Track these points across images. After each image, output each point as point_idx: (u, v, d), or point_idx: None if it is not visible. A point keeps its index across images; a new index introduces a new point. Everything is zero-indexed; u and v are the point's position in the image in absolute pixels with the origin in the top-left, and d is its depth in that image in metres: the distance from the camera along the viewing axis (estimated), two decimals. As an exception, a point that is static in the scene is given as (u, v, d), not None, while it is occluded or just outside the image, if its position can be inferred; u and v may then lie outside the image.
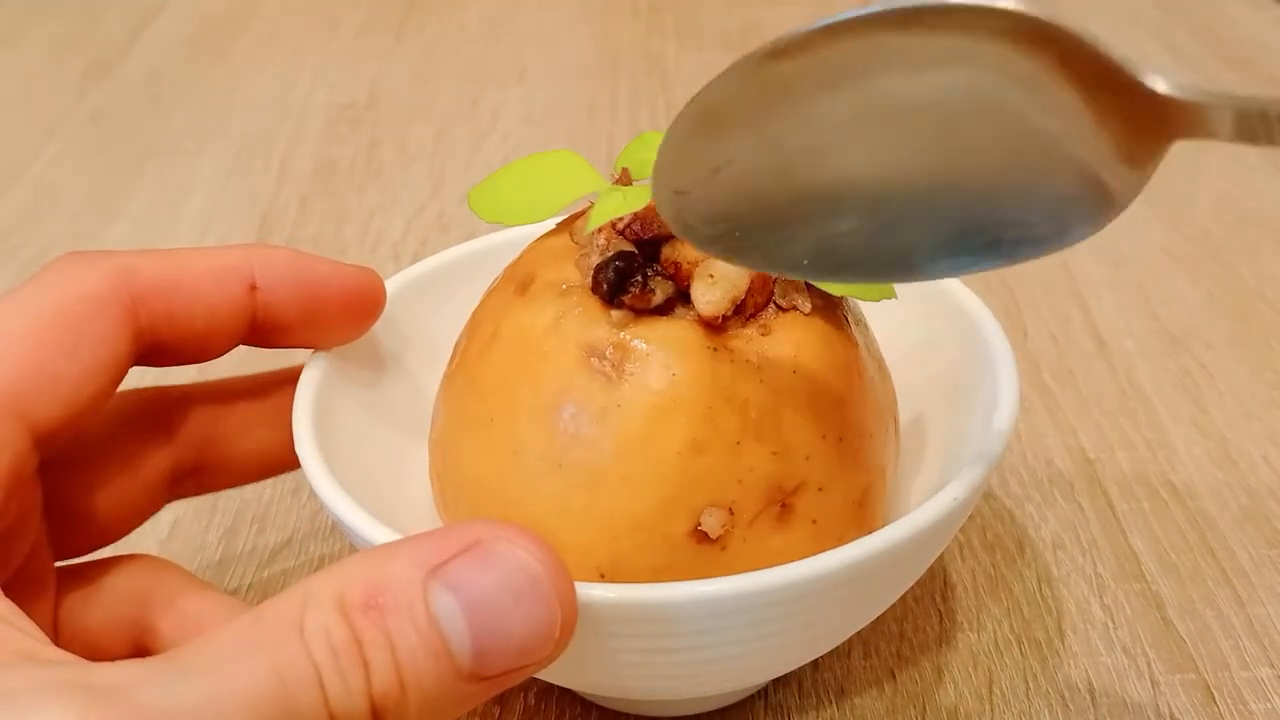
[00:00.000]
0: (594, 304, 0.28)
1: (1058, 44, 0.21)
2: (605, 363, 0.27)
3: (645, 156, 0.30)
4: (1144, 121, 0.21)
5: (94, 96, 0.71)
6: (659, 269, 0.28)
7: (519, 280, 0.30)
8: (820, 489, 0.28)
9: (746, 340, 0.28)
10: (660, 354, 0.27)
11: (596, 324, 0.27)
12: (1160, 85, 0.20)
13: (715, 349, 0.27)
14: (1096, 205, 0.22)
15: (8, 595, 0.23)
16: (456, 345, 0.31)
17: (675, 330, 0.27)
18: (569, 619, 0.23)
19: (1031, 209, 0.23)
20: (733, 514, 0.27)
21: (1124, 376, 0.44)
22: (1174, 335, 0.46)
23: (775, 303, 0.28)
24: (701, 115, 0.24)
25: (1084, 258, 0.51)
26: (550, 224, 0.32)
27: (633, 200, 0.28)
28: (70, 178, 0.63)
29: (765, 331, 0.28)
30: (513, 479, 0.28)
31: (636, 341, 0.27)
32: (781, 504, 0.27)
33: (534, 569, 0.22)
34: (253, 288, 0.30)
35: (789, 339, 0.28)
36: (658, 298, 0.27)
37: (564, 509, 0.27)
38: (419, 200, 0.58)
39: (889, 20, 0.21)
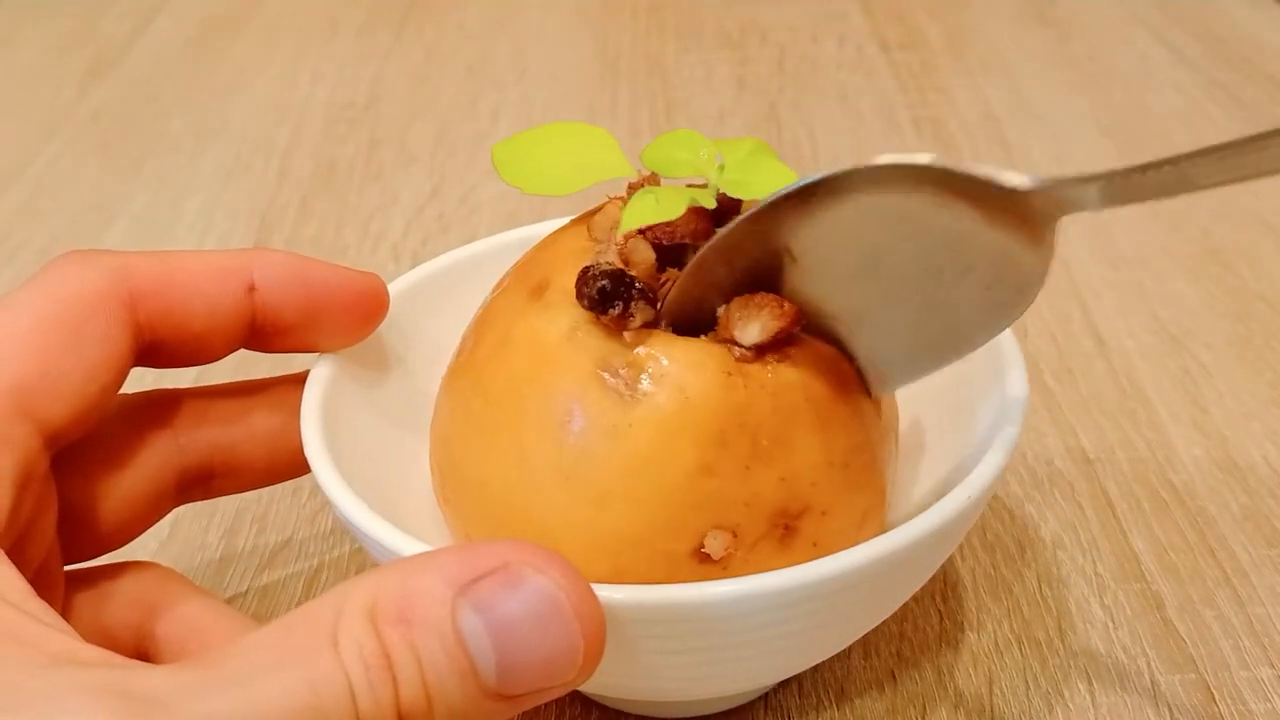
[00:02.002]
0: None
1: (940, 179, 0.25)
2: (619, 379, 0.27)
3: (674, 154, 0.30)
4: (1025, 213, 0.24)
5: (94, 96, 0.71)
6: (645, 290, 0.27)
7: (534, 283, 0.29)
8: (824, 513, 0.28)
9: (762, 365, 0.27)
10: (675, 374, 0.27)
11: (612, 338, 0.27)
12: (1016, 181, 0.24)
13: (730, 373, 0.27)
14: (1019, 290, 0.26)
15: None
16: (464, 340, 0.31)
17: (691, 351, 0.27)
18: (593, 647, 0.23)
19: (971, 307, 0.27)
20: (736, 537, 0.27)
21: (1124, 376, 0.44)
22: (1174, 335, 0.46)
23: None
24: (707, 262, 0.27)
25: (1084, 257, 0.51)
26: (564, 220, 0.32)
27: (666, 207, 0.27)
28: (70, 178, 0.63)
29: (781, 358, 0.28)
30: (518, 486, 0.28)
31: (651, 360, 0.27)
32: (785, 527, 0.27)
33: (558, 599, 0.22)
34: (251, 289, 0.30)
35: (803, 365, 0.28)
36: (635, 322, 0.27)
37: (568, 520, 0.27)
38: (419, 200, 0.58)
39: (816, 188, 0.26)
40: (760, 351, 0.27)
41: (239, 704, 0.20)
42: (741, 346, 0.27)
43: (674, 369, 0.27)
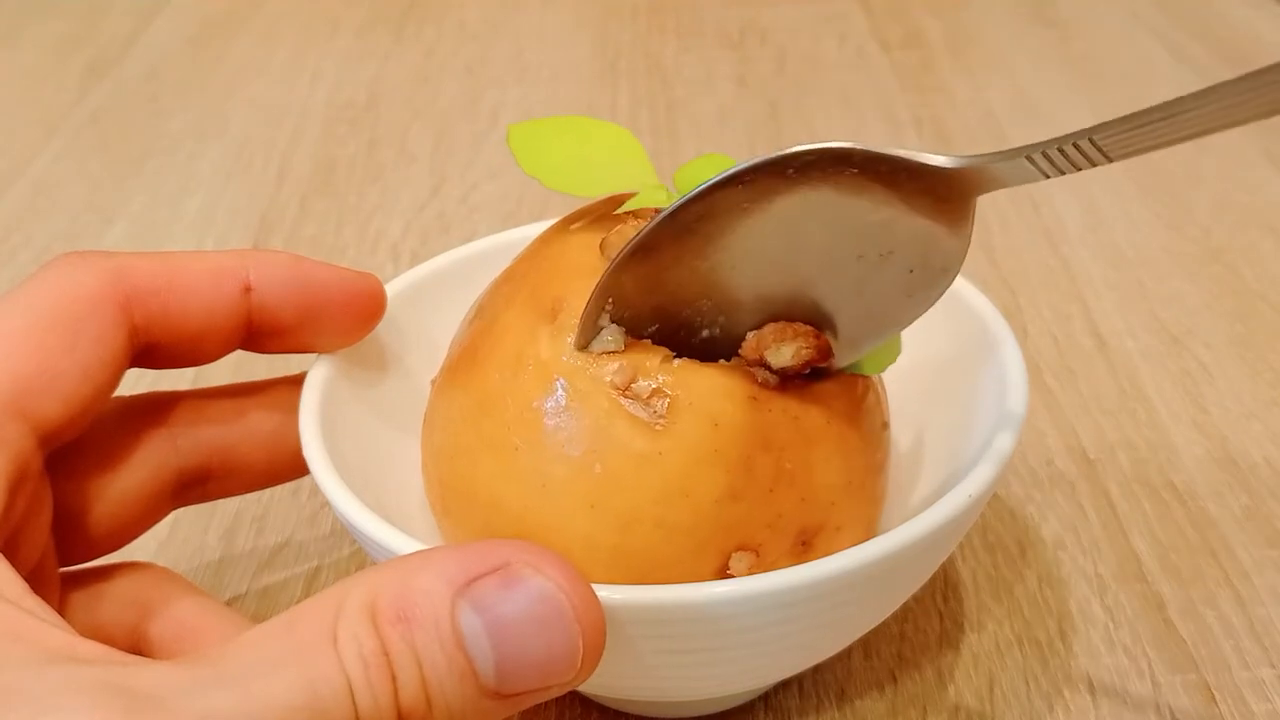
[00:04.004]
0: (632, 343, 0.27)
1: (858, 161, 0.25)
2: (647, 409, 0.27)
3: (698, 177, 0.30)
4: (945, 193, 0.25)
5: (94, 96, 0.71)
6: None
7: (546, 302, 0.28)
8: (838, 528, 0.28)
9: (784, 390, 0.27)
10: (704, 403, 0.27)
11: (636, 366, 0.27)
12: (939, 161, 0.25)
13: (755, 398, 0.27)
14: (941, 271, 0.26)
15: None
16: (462, 348, 0.30)
17: (717, 377, 0.27)
18: (593, 648, 0.23)
19: (895, 290, 0.27)
20: (759, 556, 0.27)
21: (1124, 376, 0.44)
22: (1174, 335, 0.46)
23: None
24: (635, 251, 0.27)
25: (1084, 257, 0.51)
26: (567, 224, 0.31)
27: None
28: (70, 178, 0.63)
29: (803, 382, 0.28)
30: (536, 510, 0.27)
31: (679, 388, 0.27)
32: (803, 543, 0.28)
33: (558, 599, 0.22)
34: (247, 289, 0.29)
35: (825, 389, 0.28)
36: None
37: (592, 545, 0.27)
38: (419, 200, 0.58)
39: (740, 178, 0.26)
40: (785, 378, 0.27)
41: (238, 701, 0.20)
42: (769, 371, 0.27)
43: (701, 396, 0.27)
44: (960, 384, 0.33)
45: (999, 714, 0.32)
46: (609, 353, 0.27)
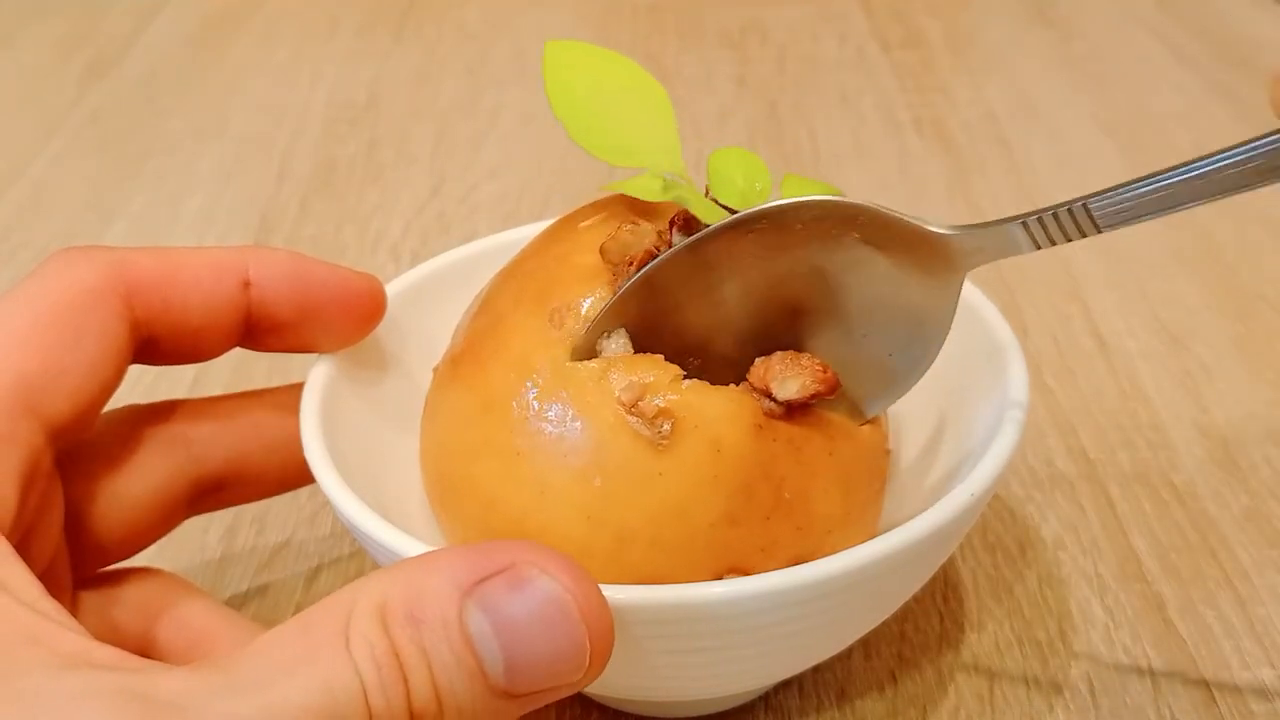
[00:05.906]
0: (640, 358, 0.27)
1: (863, 223, 0.26)
2: (652, 428, 0.26)
3: (730, 175, 0.30)
4: (937, 266, 0.26)
5: (94, 96, 0.71)
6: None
7: (551, 306, 0.28)
8: (833, 552, 0.28)
9: (789, 420, 0.27)
10: (708, 427, 0.26)
11: (644, 384, 0.27)
12: (941, 230, 0.26)
13: (760, 426, 0.27)
14: (914, 362, 0.28)
15: None
16: (464, 344, 0.30)
17: (723, 402, 0.27)
18: (600, 649, 0.23)
19: (871, 371, 0.28)
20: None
21: (1124, 376, 0.44)
22: (1174, 335, 0.46)
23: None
24: (644, 281, 0.28)
25: (1084, 258, 0.51)
26: (575, 221, 0.31)
27: (706, 214, 0.28)
28: (70, 178, 0.63)
29: (807, 413, 0.28)
30: (534, 515, 0.27)
31: (684, 409, 0.27)
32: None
33: (564, 601, 0.22)
34: (246, 284, 0.29)
35: (830, 418, 0.28)
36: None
37: (587, 554, 0.27)
38: (419, 200, 0.58)
39: (754, 220, 0.27)
40: (790, 409, 0.27)
41: (256, 706, 0.20)
42: (774, 401, 0.27)
43: (706, 419, 0.26)
44: (961, 384, 0.33)
45: (999, 714, 0.32)
46: (618, 358, 0.27)
